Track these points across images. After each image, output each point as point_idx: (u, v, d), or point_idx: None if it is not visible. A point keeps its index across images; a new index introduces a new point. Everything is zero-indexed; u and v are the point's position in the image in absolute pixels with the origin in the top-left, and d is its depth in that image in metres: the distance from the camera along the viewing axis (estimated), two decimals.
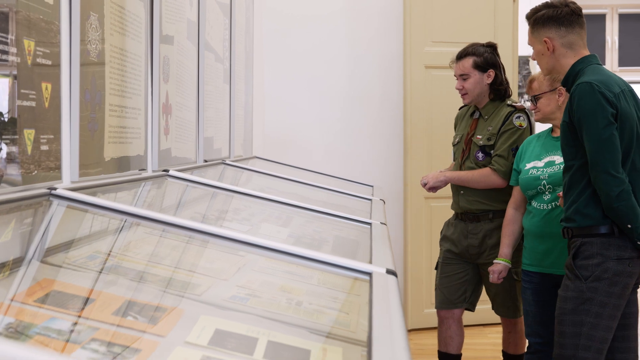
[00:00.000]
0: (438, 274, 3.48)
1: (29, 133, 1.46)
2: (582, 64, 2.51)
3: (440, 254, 3.51)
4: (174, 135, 2.56)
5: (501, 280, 3.15)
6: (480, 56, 3.34)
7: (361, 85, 5.09)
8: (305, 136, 5.09)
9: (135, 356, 0.98)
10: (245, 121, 4.16)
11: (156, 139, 2.33)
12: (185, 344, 1.06)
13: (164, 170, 2.37)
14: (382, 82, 5.09)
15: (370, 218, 2.43)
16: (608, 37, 7.14)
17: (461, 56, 3.38)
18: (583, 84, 2.39)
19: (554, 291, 2.69)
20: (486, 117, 3.37)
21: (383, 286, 1.33)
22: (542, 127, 3.22)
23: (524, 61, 6.24)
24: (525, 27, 2.75)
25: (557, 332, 2.48)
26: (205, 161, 3.01)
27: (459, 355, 3.44)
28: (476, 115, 3.42)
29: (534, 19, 2.59)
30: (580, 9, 2.58)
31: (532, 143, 3.03)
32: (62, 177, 1.63)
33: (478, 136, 3.36)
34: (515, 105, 3.35)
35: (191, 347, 1.04)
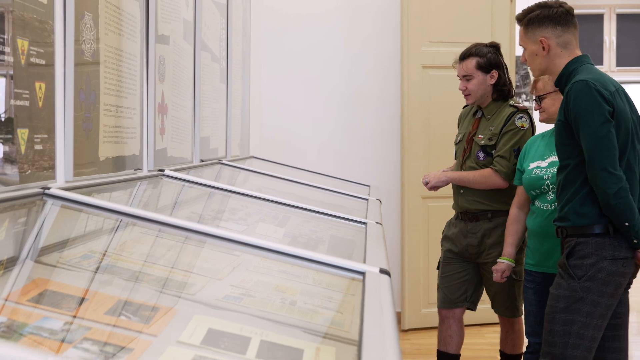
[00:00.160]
0: (439, 274, 3.49)
1: (23, 132, 1.45)
2: (576, 64, 2.51)
3: (441, 254, 3.52)
4: (170, 135, 2.56)
5: (504, 279, 3.15)
6: (483, 57, 3.32)
7: (358, 85, 5.09)
8: (301, 136, 5.08)
9: (127, 355, 0.98)
10: (242, 121, 4.16)
11: (152, 139, 2.32)
12: (177, 344, 1.06)
13: (160, 170, 2.37)
14: (379, 82, 5.08)
15: (366, 218, 2.43)
16: (606, 37, 7.14)
17: (464, 57, 3.37)
18: (579, 82, 2.39)
19: None
20: (488, 117, 3.37)
21: (376, 286, 1.33)
22: (543, 128, 3.21)
23: (522, 61, 6.24)
24: None
25: (547, 330, 2.47)
26: (201, 161, 3.01)
27: (458, 355, 3.43)
28: (478, 114, 3.42)
29: (528, 19, 2.58)
30: (572, 9, 2.59)
31: (536, 142, 3.02)
32: (56, 177, 1.63)
33: (480, 136, 3.36)
34: (517, 105, 3.34)
35: (183, 347, 1.04)
